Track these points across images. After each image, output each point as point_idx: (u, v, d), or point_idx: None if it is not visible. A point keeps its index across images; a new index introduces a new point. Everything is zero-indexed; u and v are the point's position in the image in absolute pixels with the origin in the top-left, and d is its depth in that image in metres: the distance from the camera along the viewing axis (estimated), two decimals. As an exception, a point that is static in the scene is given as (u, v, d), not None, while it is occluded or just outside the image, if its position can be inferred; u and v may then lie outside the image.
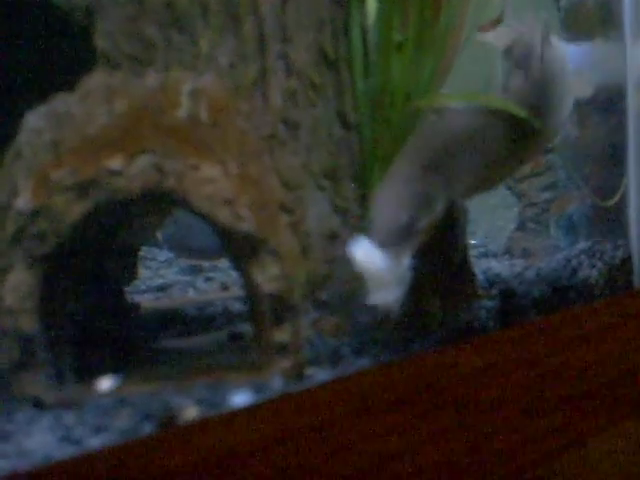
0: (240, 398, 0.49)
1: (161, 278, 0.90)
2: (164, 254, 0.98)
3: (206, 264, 0.93)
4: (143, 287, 0.83)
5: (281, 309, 0.52)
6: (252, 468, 0.47)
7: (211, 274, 0.91)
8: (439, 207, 0.61)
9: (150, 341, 0.66)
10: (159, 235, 0.86)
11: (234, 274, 0.82)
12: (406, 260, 0.58)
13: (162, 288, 0.85)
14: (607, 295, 0.77)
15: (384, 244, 0.57)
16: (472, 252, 0.76)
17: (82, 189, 0.50)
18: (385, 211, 0.59)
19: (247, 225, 0.51)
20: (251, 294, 0.54)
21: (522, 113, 0.64)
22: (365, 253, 0.57)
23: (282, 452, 0.48)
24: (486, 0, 0.70)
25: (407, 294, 0.62)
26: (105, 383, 0.46)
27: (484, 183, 0.68)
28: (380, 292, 0.58)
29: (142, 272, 0.84)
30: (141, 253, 0.81)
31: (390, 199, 0.60)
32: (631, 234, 0.83)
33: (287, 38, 0.57)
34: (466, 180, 0.63)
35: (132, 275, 0.69)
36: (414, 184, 0.60)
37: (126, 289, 0.68)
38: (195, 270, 0.93)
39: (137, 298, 0.74)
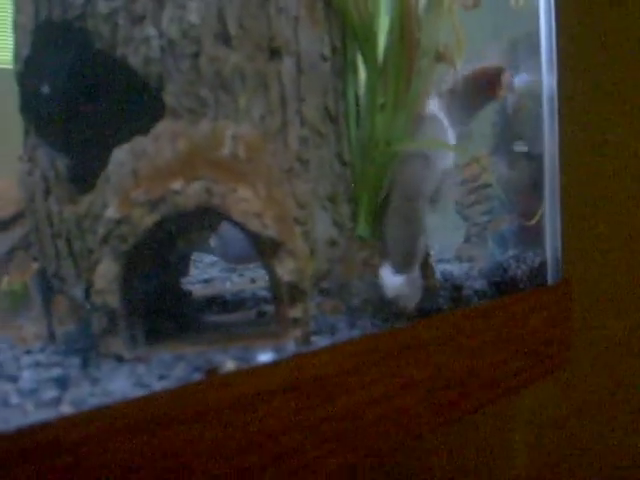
0: (264, 357, 0.49)
1: (207, 274, 0.90)
2: (210, 258, 0.98)
3: (240, 267, 0.93)
4: (194, 280, 0.83)
5: (295, 294, 0.52)
6: (272, 405, 0.47)
7: (242, 273, 0.92)
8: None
9: (199, 317, 0.65)
10: (212, 244, 0.87)
11: (258, 272, 0.82)
12: (416, 274, 0.61)
13: (207, 281, 0.85)
14: (528, 288, 0.77)
15: (401, 271, 0.61)
16: (433, 259, 0.76)
17: (152, 205, 0.50)
18: (400, 247, 0.62)
19: (271, 232, 0.51)
20: (274, 282, 0.53)
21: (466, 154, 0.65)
22: (389, 278, 0.61)
23: (293, 395, 0.48)
24: (443, 71, 0.70)
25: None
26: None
27: None
28: (402, 299, 0.61)
29: (193, 270, 0.84)
30: (193, 258, 0.80)
31: (401, 238, 0.62)
32: (546, 245, 0.83)
33: (301, 99, 0.57)
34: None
35: (186, 271, 0.68)
36: (412, 224, 0.62)
37: (182, 280, 0.67)
38: (231, 270, 0.93)
39: (189, 287, 0.73)
